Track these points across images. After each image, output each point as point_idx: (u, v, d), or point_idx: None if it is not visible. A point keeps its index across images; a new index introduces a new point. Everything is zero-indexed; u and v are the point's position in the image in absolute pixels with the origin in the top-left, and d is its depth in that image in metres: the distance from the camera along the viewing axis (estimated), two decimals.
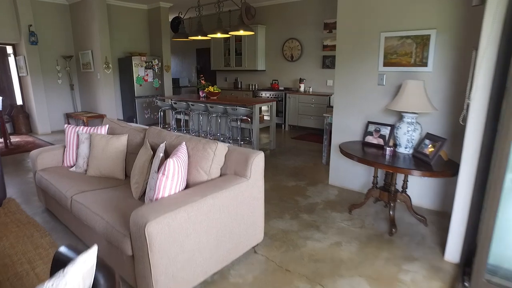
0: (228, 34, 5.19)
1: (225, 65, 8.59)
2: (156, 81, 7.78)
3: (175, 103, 5.74)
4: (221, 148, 2.35)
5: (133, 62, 7.27)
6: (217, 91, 5.66)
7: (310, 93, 7.00)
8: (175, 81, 9.71)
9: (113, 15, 7.41)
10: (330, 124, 4.57)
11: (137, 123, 7.61)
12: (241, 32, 5.00)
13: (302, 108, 6.97)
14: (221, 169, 2.39)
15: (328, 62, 6.96)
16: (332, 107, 6.66)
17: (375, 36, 3.28)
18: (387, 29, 3.19)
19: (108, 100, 7.09)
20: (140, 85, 7.50)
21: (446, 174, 2.45)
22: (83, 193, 2.52)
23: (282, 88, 7.79)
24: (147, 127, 3.11)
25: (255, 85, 8.25)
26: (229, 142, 5.33)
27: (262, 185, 2.46)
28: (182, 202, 1.90)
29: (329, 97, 6.57)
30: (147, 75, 7.57)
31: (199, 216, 1.93)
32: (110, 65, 6.98)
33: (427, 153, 2.64)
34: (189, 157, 2.37)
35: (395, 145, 2.97)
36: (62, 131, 7.33)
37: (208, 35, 5.41)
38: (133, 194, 2.46)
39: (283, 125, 7.41)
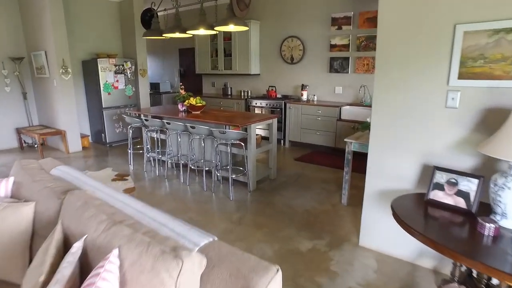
0: (215, 30, 3.94)
1: (212, 67, 7.32)
2: (129, 88, 6.46)
3: (146, 120, 4.45)
4: (191, 270, 1.10)
5: (99, 66, 5.94)
6: (200, 104, 4.40)
7: (315, 103, 5.78)
8: (155, 86, 8.39)
9: (75, 8, 6.06)
10: (353, 153, 3.37)
11: (106, 139, 6.29)
12: (231, 28, 3.76)
13: (305, 121, 5.75)
14: None
15: (337, 65, 5.76)
16: (343, 120, 5.53)
17: (446, 30, 2.07)
18: (468, 18, 1.98)
19: (68, 112, 5.75)
20: (109, 93, 6.17)
21: None
22: None
23: (280, 96, 6.56)
24: (75, 188, 1.84)
25: (247, 92, 7.00)
26: (217, 174, 4.08)
27: None
28: None
29: (340, 108, 5.37)
30: (117, 81, 6.24)
31: None
32: (69, 69, 5.63)
33: None
34: (123, 285, 1.12)
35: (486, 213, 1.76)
36: (11, 150, 5.96)
37: (187, 32, 4.14)
38: None
39: (282, 141, 6.18)
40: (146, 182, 4.34)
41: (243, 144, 3.78)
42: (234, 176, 4.00)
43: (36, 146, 6.22)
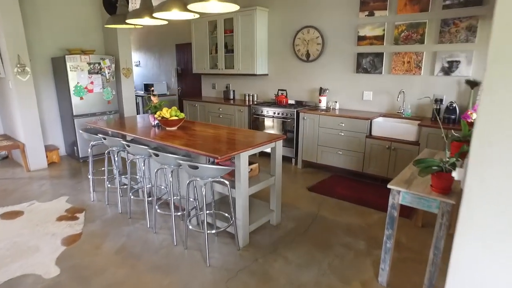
0: (190, 11, 2.69)
1: (212, 66, 6.07)
2: (107, 92, 5.31)
3: (104, 138, 3.26)
4: None
5: (68, 64, 4.81)
6: (175, 118, 3.16)
7: (337, 112, 4.43)
8: (148, 88, 7.24)
9: None
10: (400, 207, 2.03)
11: (78, 153, 5.16)
12: (213, 6, 2.49)
13: (324, 136, 4.42)
14: None
15: (366, 64, 4.39)
16: (375, 137, 3.95)
17: None
18: None
19: (28, 121, 4.65)
20: (81, 97, 5.04)
21: None
22: None
23: (293, 102, 5.24)
24: None
25: (253, 96, 5.72)
26: (188, 225, 2.83)
27: None
28: None
29: (370, 121, 4.01)
30: (91, 83, 5.10)
31: None
32: (28, 69, 4.53)
33: None
34: None
35: None
36: None
37: (155, 16, 2.90)
38: None
39: (293, 160, 4.87)
40: (100, 225, 3.14)
41: (227, 182, 2.50)
42: (214, 231, 2.74)
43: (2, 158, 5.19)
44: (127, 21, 3.16)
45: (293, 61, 5.19)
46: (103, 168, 4.49)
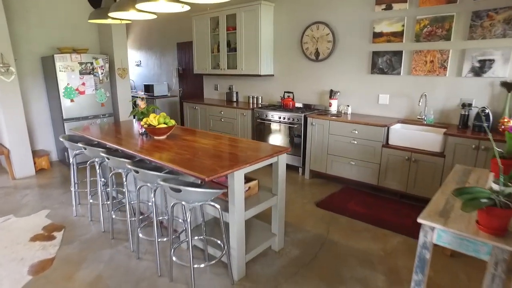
0: (180, 2, 2.28)
1: (214, 66, 5.67)
2: (101, 93, 4.94)
3: (85, 148, 2.87)
4: None
5: (57, 64, 4.46)
6: (164, 126, 2.75)
7: (349, 117, 3.97)
8: (148, 89, 6.88)
9: None
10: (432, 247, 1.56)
11: (69, 160, 4.81)
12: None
13: (334, 144, 3.96)
14: None
15: (383, 63, 3.92)
16: (393, 147, 3.38)
17: None
18: None
19: (13, 125, 4.31)
20: (72, 100, 4.68)
21: None
22: None
23: (301, 106, 4.80)
24: None
25: (257, 99, 5.29)
26: (173, 256, 2.42)
27: None
28: None
29: (387, 128, 3.54)
30: (83, 84, 4.74)
31: None
32: (12, 68, 4.19)
33: None
34: None
35: None
36: None
37: (138, 7, 2.50)
38: None
39: (300, 170, 4.43)
40: (78, 247, 2.76)
41: (218, 206, 2.08)
42: (203, 264, 2.32)
43: None
44: (110, 14, 2.77)
45: (300, 60, 4.75)
46: (91, 179, 4.11)
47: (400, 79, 3.83)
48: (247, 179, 2.51)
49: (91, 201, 3.18)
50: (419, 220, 1.58)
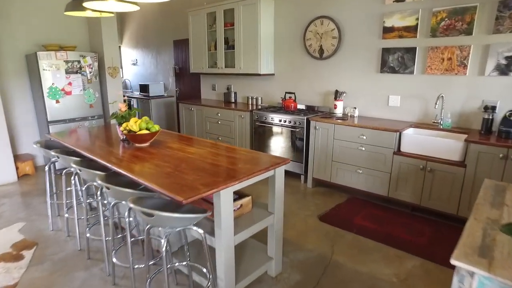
0: None
1: (211, 65, 5.32)
2: (89, 94, 4.62)
3: (58, 157, 2.54)
4: None
5: (40, 62, 4.14)
6: (145, 132, 2.41)
7: (356, 121, 3.60)
8: (143, 89, 6.55)
9: None
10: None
11: (55, 165, 4.48)
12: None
13: (340, 150, 3.60)
14: None
15: (393, 61, 3.55)
16: (405, 154, 2.99)
17: None
18: None
19: None
20: (57, 101, 4.36)
21: None
22: None
23: (303, 107, 4.44)
24: None
25: (256, 99, 4.93)
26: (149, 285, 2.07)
27: None
28: None
29: (399, 134, 3.17)
30: (69, 84, 4.42)
31: None
32: None
33: None
34: None
35: None
36: None
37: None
38: None
39: (302, 177, 4.07)
40: (48, 269, 2.42)
41: (200, 231, 1.72)
42: None
43: None
44: (84, 4, 2.43)
45: (303, 58, 4.38)
46: (68, 188, 3.75)
47: (413, 78, 3.46)
48: (239, 194, 2.16)
49: (66, 215, 2.85)
50: (453, 262, 1.21)
